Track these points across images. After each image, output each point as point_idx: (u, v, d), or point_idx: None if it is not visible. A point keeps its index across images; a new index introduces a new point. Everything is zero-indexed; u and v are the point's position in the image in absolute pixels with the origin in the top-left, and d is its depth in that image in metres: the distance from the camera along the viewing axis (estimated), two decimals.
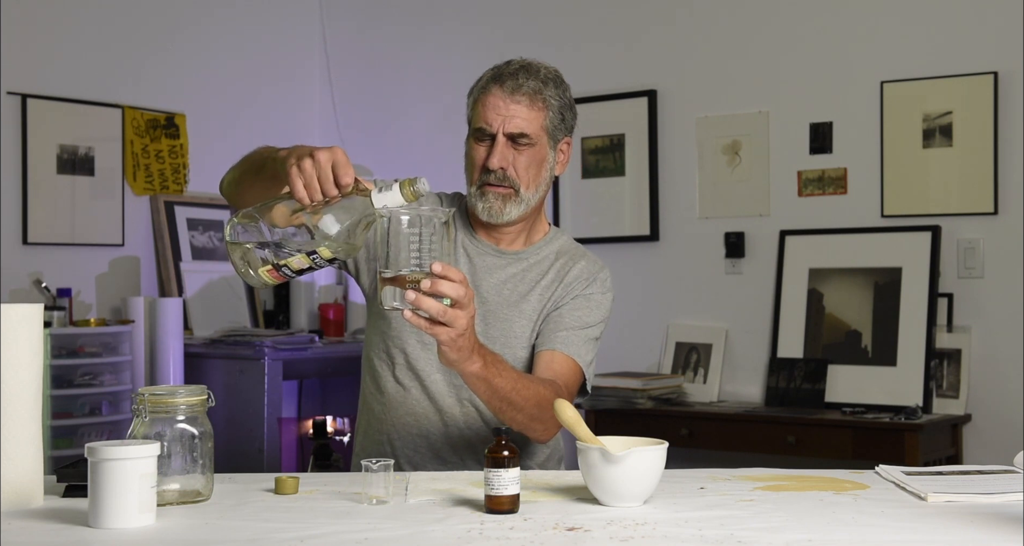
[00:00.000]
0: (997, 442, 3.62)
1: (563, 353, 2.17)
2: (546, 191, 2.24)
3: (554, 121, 2.18)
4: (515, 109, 2.14)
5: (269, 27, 4.84)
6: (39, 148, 4.03)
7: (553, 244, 2.30)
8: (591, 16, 4.41)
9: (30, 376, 1.71)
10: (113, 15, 4.28)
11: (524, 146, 2.15)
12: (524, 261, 2.26)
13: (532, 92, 2.15)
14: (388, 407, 2.24)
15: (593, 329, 2.22)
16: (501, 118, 2.14)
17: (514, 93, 2.14)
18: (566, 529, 1.53)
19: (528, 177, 2.17)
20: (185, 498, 1.71)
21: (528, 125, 2.15)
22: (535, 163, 2.17)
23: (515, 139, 2.15)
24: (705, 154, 4.19)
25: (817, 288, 3.95)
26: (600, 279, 2.27)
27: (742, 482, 1.85)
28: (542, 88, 2.16)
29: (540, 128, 2.16)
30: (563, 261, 2.27)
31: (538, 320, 2.21)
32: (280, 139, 5.34)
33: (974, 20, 3.71)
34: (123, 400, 3.88)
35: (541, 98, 2.16)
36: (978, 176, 3.69)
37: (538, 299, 2.22)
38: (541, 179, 2.19)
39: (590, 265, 2.28)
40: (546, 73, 2.18)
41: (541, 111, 2.16)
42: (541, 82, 2.16)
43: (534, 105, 2.15)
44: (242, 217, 1.83)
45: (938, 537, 1.47)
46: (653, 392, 3.98)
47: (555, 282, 2.24)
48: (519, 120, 2.14)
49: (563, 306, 2.21)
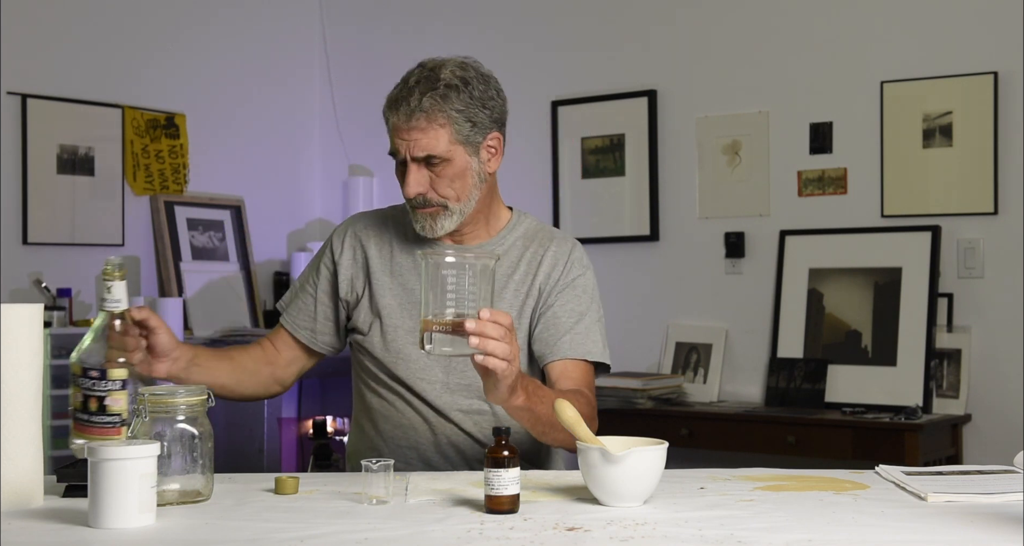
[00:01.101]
0: (997, 442, 3.62)
1: (573, 361, 2.16)
2: (486, 189, 2.17)
3: (463, 131, 2.08)
4: (416, 134, 2.06)
5: (269, 27, 4.84)
6: (39, 148, 4.03)
7: (518, 229, 2.25)
8: (591, 16, 4.41)
9: (30, 376, 1.71)
10: (113, 15, 4.28)
11: (438, 165, 2.08)
12: None
13: (429, 111, 2.05)
14: (376, 421, 2.25)
15: (590, 313, 2.20)
16: (405, 143, 2.07)
17: (410, 118, 2.06)
18: (566, 529, 1.53)
19: (453, 192, 2.11)
20: (185, 498, 1.71)
21: (434, 146, 2.07)
22: (457, 177, 2.10)
23: (427, 161, 2.08)
24: (705, 154, 4.19)
25: (817, 288, 3.95)
26: (574, 259, 2.23)
27: (742, 482, 1.85)
28: (440, 104, 2.06)
29: (449, 144, 2.07)
30: (533, 249, 2.23)
31: (519, 318, 2.18)
32: (280, 139, 5.36)
33: (974, 20, 3.71)
34: None
35: (442, 114, 2.06)
36: (978, 176, 3.69)
37: (513, 294, 2.19)
38: (468, 186, 2.12)
39: (560, 247, 2.23)
40: (448, 80, 2.08)
41: (444, 128, 2.07)
42: (440, 97, 2.06)
43: (433, 124, 2.06)
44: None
45: (938, 537, 1.47)
46: (653, 392, 3.98)
47: (528, 275, 2.20)
48: (424, 143, 2.06)
49: (553, 304, 2.18)
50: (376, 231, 2.28)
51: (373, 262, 2.24)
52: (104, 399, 1.79)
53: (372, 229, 2.28)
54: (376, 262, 2.24)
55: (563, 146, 4.46)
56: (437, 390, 2.17)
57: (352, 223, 2.32)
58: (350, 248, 2.28)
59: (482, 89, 2.12)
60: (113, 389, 1.79)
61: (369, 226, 2.29)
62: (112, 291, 1.83)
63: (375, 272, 2.23)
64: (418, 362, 2.17)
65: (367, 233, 2.28)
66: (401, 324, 2.19)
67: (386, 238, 2.26)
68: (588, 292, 2.22)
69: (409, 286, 2.20)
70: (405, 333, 2.19)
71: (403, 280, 2.21)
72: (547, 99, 4.44)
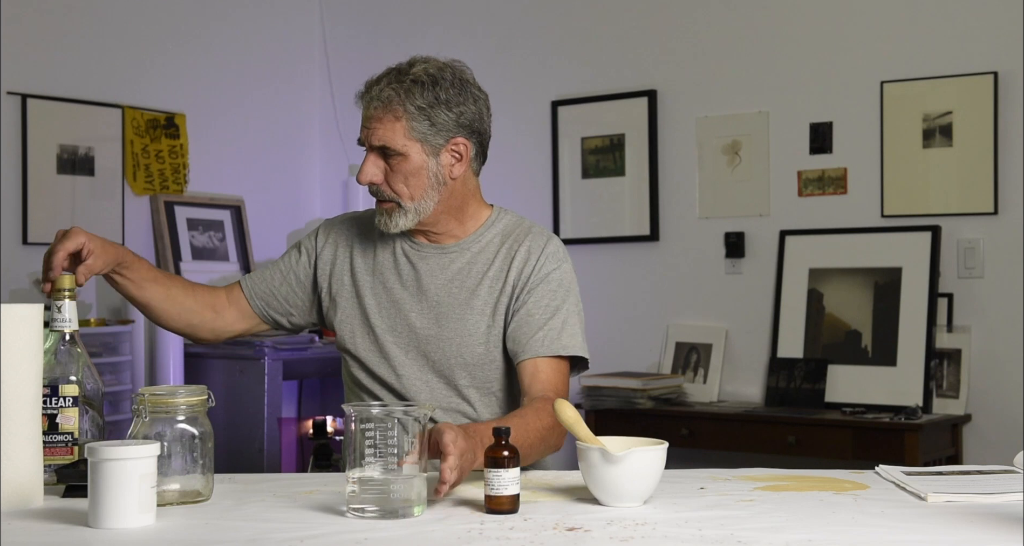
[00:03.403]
0: (997, 442, 3.62)
1: (545, 359, 2.11)
2: (451, 192, 2.14)
3: (419, 128, 2.06)
4: (375, 124, 2.07)
5: (269, 27, 4.84)
6: (39, 148, 4.03)
7: (496, 227, 2.23)
8: (591, 16, 4.41)
9: (30, 376, 1.71)
10: (113, 15, 4.28)
11: (393, 158, 2.07)
12: (467, 251, 2.20)
13: (385, 102, 2.05)
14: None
15: (565, 307, 2.15)
16: (366, 131, 2.09)
17: (370, 106, 2.07)
18: (566, 529, 1.53)
19: (407, 189, 2.09)
20: (185, 498, 1.71)
21: (390, 138, 2.06)
22: (411, 174, 2.08)
23: (384, 152, 2.08)
24: (705, 154, 4.19)
25: (817, 288, 3.95)
26: (548, 253, 2.19)
27: (742, 482, 1.85)
28: (400, 96, 2.05)
29: (404, 138, 2.06)
30: (508, 245, 2.20)
31: (493, 314, 2.16)
32: (280, 139, 5.36)
33: (974, 20, 3.71)
34: (123, 400, 3.88)
35: (400, 107, 2.05)
36: (978, 176, 3.69)
37: (488, 291, 2.17)
38: (424, 187, 2.09)
39: (535, 241, 2.20)
40: (417, 75, 2.06)
41: (398, 121, 2.05)
42: (403, 90, 2.04)
43: (387, 115, 2.06)
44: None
45: (938, 537, 1.47)
46: (653, 392, 3.98)
47: (503, 271, 2.18)
48: (380, 132, 2.06)
49: (528, 301, 2.15)
50: (360, 231, 2.28)
51: (357, 262, 2.24)
52: (55, 417, 1.81)
53: (356, 229, 2.29)
54: (360, 262, 2.24)
55: (563, 146, 4.46)
56: (417, 388, 2.18)
57: (338, 222, 2.33)
58: (332, 244, 2.28)
59: (452, 92, 2.08)
60: (64, 406, 1.81)
61: (353, 226, 2.30)
62: (62, 310, 1.85)
63: (359, 272, 2.24)
64: (397, 360, 2.18)
65: (351, 232, 2.29)
66: (380, 323, 2.20)
67: (370, 238, 2.26)
68: (564, 286, 2.17)
69: (389, 285, 2.21)
70: (384, 332, 2.19)
71: (383, 279, 2.22)
72: (547, 99, 4.44)
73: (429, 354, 2.18)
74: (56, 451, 1.81)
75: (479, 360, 2.16)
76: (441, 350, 2.17)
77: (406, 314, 2.19)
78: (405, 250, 2.22)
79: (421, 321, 2.18)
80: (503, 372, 2.19)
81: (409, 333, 2.19)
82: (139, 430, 1.72)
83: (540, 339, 2.12)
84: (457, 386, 2.17)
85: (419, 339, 2.18)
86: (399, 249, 2.22)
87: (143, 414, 1.71)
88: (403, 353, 2.19)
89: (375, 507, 1.60)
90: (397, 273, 2.21)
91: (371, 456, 1.62)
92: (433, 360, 2.17)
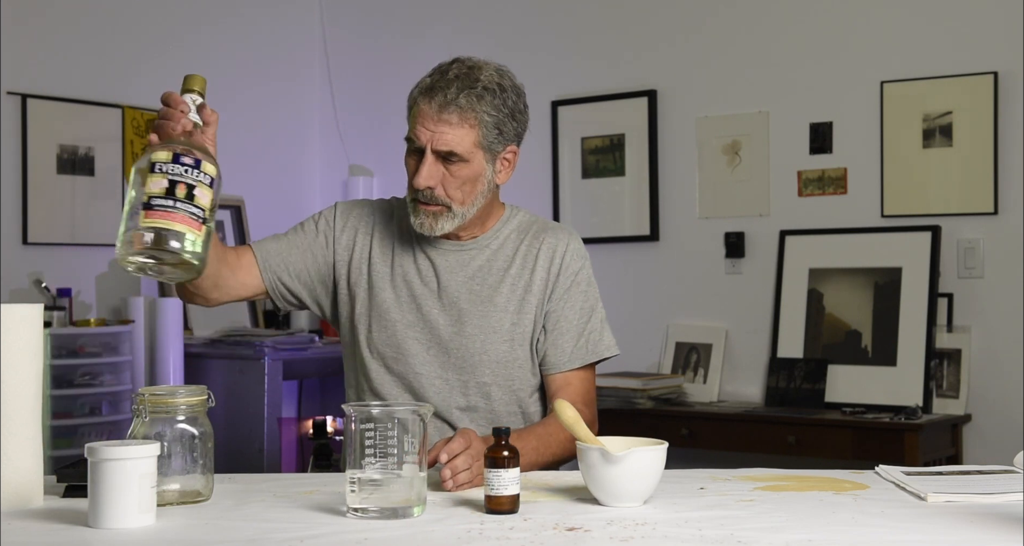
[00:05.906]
0: (997, 442, 3.62)
1: (577, 373, 2.19)
2: (490, 197, 2.15)
3: (489, 137, 2.06)
4: (444, 127, 2.03)
5: (269, 27, 4.84)
6: (39, 148, 4.03)
7: (511, 223, 2.23)
8: (591, 16, 4.41)
9: (30, 376, 1.71)
10: (113, 15, 4.28)
11: (455, 163, 2.05)
12: (487, 248, 2.19)
13: (463, 109, 2.03)
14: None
15: (597, 311, 2.23)
16: (430, 134, 2.04)
17: (442, 110, 2.03)
18: (566, 529, 1.53)
19: (461, 194, 2.08)
20: (185, 498, 1.71)
21: (459, 143, 2.04)
22: (469, 180, 2.07)
23: (445, 156, 2.05)
24: (705, 154, 4.19)
25: (817, 288, 3.95)
26: (572, 249, 2.22)
27: (742, 482, 1.86)
28: (475, 104, 2.03)
29: (472, 145, 2.05)
30: (528, 241, 2.20)
31: (519, 312, 2.16)
32: (280, 139, 5.36)
33: (974, 20, 3.71)
34: (123, 400, 3.88)
35: (473, 115, 2.03)
36: (978, 176, 3.69)
37: (511, 288, 2.17)
38: (476, 193, 2.10)
39: (558, 238, 2.21)
40: (487, 83, 2.06)
41: (473, 129, 2.04)
42: (476, 97, 2.03)
43: (464, 123, 2.03)
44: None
45: (938, 537, 1.47)
46: (653, 392, 3.98)
47: (525, 268, 2.18)
48: (449, 137, 2.03)
49: (563, 308, 2.18)
50: (378, 221, 2.23)
51: (375, 253, 2.20)
52: (194, 189, 1.67)
53: (374, 217, 2.24)
54: (377, 253, 2.20)
55: (563, 146, 4.46)
56: (436, 386, 2.16)
57: (356, 208, 2.26)
58: (352, 230, 2.22)
59: (515, 100, 2.10)
60: (203, 181, 1.69)
61: (372, 215, 2.24)
62: (192, 106, 1.84)
63: (376, 263, 2.20)
64: (417, 357, 2.16)
65: (371, 221, 2.23)
66: (400, 318, 2.17)
67: (387, 230, 2.22)
68: (592, 283, 2.24)
69: (408, 279, 2.18)
70: (404, 327, 2.16)
71: (403, 272, 2.18)
72: (547, 99, 4.44)
73: (451, 351, 2.15)
74: (189, 222, 1.65)
75: (503, 357, 2.16)
76: (464, 347, 2.14)
77: (427, 310, 2.16)
78: (423, 245, 2.19)
79: (442, 318, 2.15)
80: (527, 371, 2.19)
81: (430, 330, 2.15)
82: (139, 430, 1.72)
83: (582, 349, 2.19)
84: (479, 383, 2.16)
85: (440, 336, 2.15)
86: (417, 244, 2.19)
87: (143, 414, 1.71)
88: (424, 350, 2.16)
89: (375, 507, 1.60)
90: (416, 268, 2.18)
91: (371, 456, 1.62)
92: (454, 358, 2.15)
